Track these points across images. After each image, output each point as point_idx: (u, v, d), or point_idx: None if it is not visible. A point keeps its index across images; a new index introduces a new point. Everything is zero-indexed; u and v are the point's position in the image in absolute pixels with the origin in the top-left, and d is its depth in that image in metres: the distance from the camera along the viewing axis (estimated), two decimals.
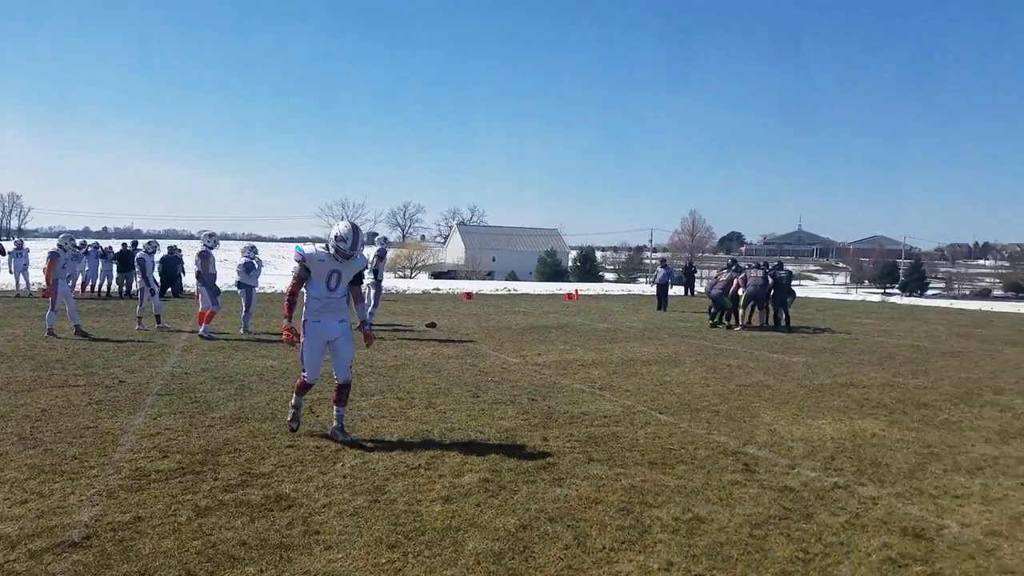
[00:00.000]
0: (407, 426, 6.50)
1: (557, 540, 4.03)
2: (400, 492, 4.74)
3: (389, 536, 4.04)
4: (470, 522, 4.25)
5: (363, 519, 4.28)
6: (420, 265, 73.00)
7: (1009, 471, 5.61)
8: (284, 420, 6.61)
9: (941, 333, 17.27)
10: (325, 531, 4.09)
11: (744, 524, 4.33)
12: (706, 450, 5.99)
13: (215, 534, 4.01)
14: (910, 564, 3.83)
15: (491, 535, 4.07)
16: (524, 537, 4.05)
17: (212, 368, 9.36)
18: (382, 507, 4.47)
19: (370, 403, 7.44)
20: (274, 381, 8.55)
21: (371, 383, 8.55)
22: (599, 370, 10.08)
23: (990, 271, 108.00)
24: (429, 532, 4.10)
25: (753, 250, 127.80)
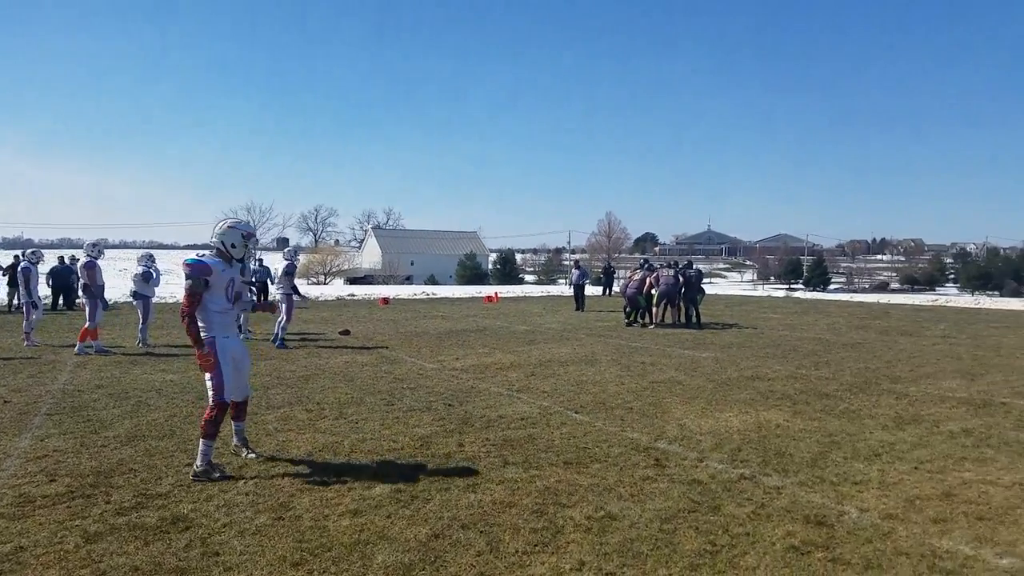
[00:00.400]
0: (316, 439, 6.30)
1: (470, 547, 3.96)
2: (306, 507, 4.58)
3: (293, 554, 3.88)
4: (379, 534, 4.14)
5: (266, 537, 4.10)
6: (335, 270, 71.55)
7: (904, 456, 5.87)
8: (183, 436, 6.33)
9: (842, 326, 18.10)
10: (225, 552, 3.91)
11: (654, 519, 4.38)
12: (619, 447, 6.06)
13: (105, 560, 3.79)
14: (812, 551, 3.94)
15: (401, 546, 3.97)
16: (436, 546, 3.97)
17: (107, 384, 8.88)
18: (286, 524, 4.31)
19: (276, 416, 7.19)
20: (173, 396, 8.17)
21: (278, 395, 8.27)
22: (517, 372, 10.08)
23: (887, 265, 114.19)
24: (336, 547, 3.97)
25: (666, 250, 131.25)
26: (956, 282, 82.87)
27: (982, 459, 5.78)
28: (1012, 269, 72.77)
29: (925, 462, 5.68)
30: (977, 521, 4.42)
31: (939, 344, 13.84)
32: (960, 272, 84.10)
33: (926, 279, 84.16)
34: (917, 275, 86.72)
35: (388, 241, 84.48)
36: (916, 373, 10.21)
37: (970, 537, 4.16)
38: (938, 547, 4.01)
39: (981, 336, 15.46)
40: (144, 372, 9.85)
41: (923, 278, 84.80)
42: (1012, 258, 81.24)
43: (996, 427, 6.88)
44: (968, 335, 15.66)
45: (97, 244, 12.56)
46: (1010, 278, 69.44)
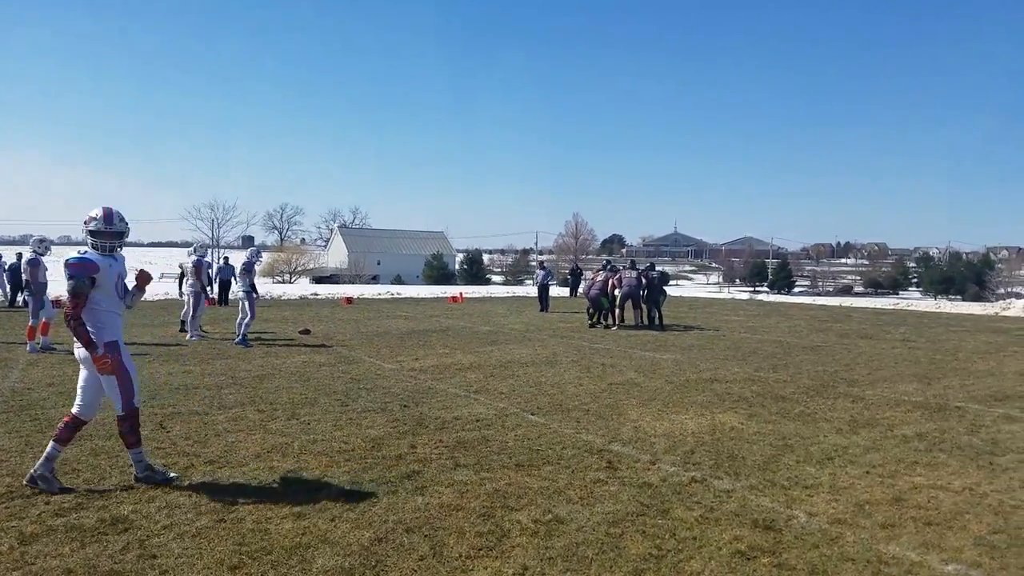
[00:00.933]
0: (265, 440, 6.16)
1: (413, 551, 3.88)
2: (249, 510, 4.46)
3: (232, 557, 3.78)
4: (322, 538, 4.04)
5: (206, 540, 4.00)
6: (300, 269, 70.83)
7: (857, 460, 5.89)
8: None
9: (803, 328, 18.29)
10: (162, 555, 3.80)
11: (602, 523, 4.34)
12: (573, 449, 6.01)
13: (39, 563, 3.68)
14: (758, 556, 3.92)
15: (343, 550, 3.87)
16: (378, 550, 3.88)
17: (59, 383, 8.63)
18: (228, 526, 4.19)
19: (227, 416, 7.03)
20: None
21: (231, 395, 8.10)
22: (476, 373, 10.00)
23: (851, 269, 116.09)
24: (276, 551, 3.86)
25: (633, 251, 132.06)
26: (919, 286, 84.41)
27: (934, 463, 5.81)
28: (974, 273, 74.28)
29: (877, 466, 5.70)
30: (925, 527, 4.42)
31: (898, 348, 14.01)
32: (923, 276, 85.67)
33: (889, 283, 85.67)
34: (881, 279, 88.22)
35: (354, 240, 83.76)
36: (874, 376, 10.30)
37: (917, 543, 4.16)
38: (884, 553, 4.00)
39: (940, 340, 15.67)
40: None
41: (886, 282, 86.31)
42: (974, 263, 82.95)
43: (949, 431, 6.92)
44: (927, 339, 15.87)
45: (44, 241, 12.32)
46: (972, 282, 70.90)
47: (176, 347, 12.33)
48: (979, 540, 4.21)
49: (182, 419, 6.90)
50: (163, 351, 11.76)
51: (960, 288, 71.14)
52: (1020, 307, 26.27)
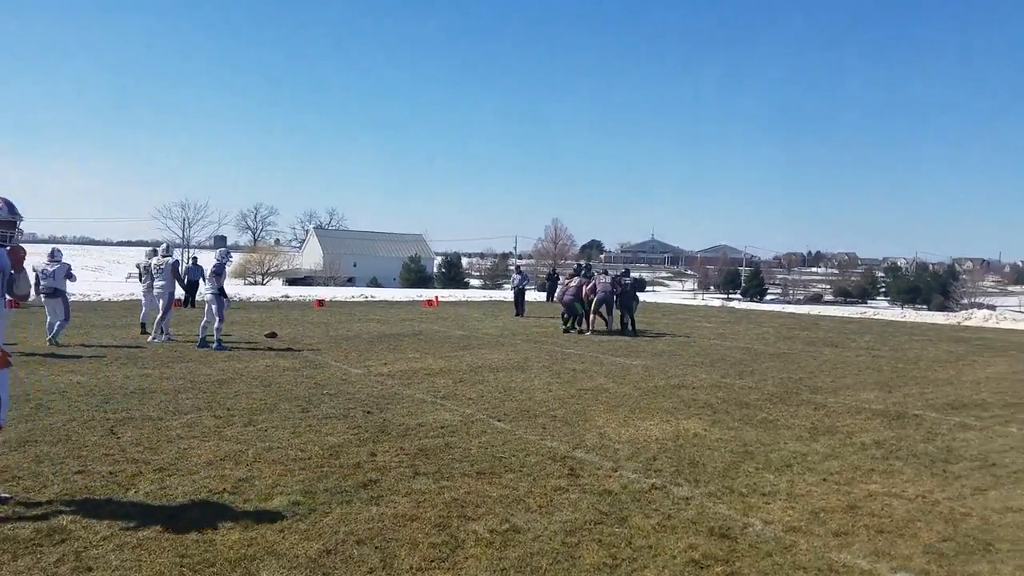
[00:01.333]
0: (219, 446, 6.02)
1: (362, 563, 3.79)
2: (196, 520, 4.33)
3: (172, 570, 3.65)
4: (268, 549, 3.93)
5: (146, 551, 3.86)
6: (273, 271, 70.10)
7: (815, 467, 5.90)
8: (79, 442, 6.00)
9: (771, 336, 18.43)
10: (99, 567, 3.67)
11: (559, 532, 4.28)
12: (536, 456, 5.95)
13: None
14: (712, 565, 3.89)
15: (289, 563, 3.76)
16: (326, 563, 3.78)
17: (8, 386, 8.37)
18: (171, 537, 4.06)
19: (181, 422, 6.86)
20: (77, 399, 7.77)
21: (188, 400, 7.93)
22: (445, 378, 9.91)
23: (822, 278, 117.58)
24: (219, 563, 3.74)
25: (611, 257, 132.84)
26: (887, 295, 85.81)
27: (889, 471, 5.84)
28: (939, 284, 75.70)
29: (834, 473, 5.71)
30: (877, 534, 4.43)
31: (862, 356, 14.17)
32: (890, 286, 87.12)
33: (858, 292, 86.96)
34: (850, 288, 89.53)
35: (330, 242, 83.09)
36: (836, 384, 10.38)
37: (868, 551, 4.16)
38: (836, 561, 3.99)
39: (903, 348, 15.88)
40: (51, 373, 9.38)
41: (855, 291, 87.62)
42: (940, 273, 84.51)
43: (907, 439, 6.98)
44: (891, 347, 16.08)
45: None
46: (937, 292, 72.16)
47: (136, 349, 12.09)
48: (928, 548, 4.22)
49: (135, 424, 6.73)
50: (122, 353, 11.52)
51: (926, 298, 72.45)
52: (981, 317, 26.74)
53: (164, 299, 13.56)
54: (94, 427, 6.59)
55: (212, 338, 12.38)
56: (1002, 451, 6.58)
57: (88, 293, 27.36)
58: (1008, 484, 5.54)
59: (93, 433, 6.37)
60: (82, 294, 26.53)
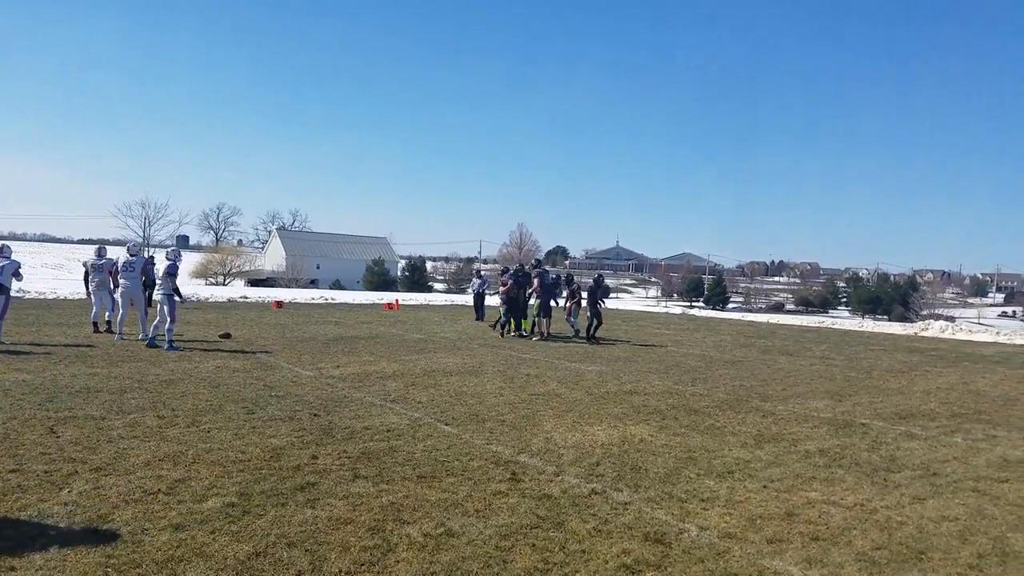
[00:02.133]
0: (159, 447, 5.91)
1: (291, 566, 3.75)
2: (126, 520, 4.26)
3: (96, 570, 3.59)
4: (197, 551, 3.87)
5: (72, 552, 3.79)
6: (235, 271, 69.11)
7: (756, 474, 5.96)
8: (17, 441, 5.88)
9: (727, 343, 18.64)
10: (22, 567, 3.60)
11: (494, 536, 4.28)
12: (480, 460, 5.95)
13: None
14: (643, 570, 3.91)
15: (216, 565, 3.71)
16: (254, 565, 3.74)
17: None
18: (99, 538, 3.99)
19: (124, 422, 6.73)
20: (20, 397, 7.59)
21: (132, 400, 7.78)
22: (397, 382, 9.85)
23: (784, 287, 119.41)
24: (145, 564, 3.68)
25: (576, 263, 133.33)
26: (848, 305, 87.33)
27: (831, 479, 5.90)
28: (900, 294, 77.24)
29: (775, 481, 5.78)
30: (812, 542, 4.47)
31: (816, 364, 14.37)
32: (852, 296, 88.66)
33: (820, 301, 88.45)
34: (811, 297, 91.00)
35: (293, 243, 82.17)
36: (787, 392, 10.51)
37: (801, 558, 4.21)
38: (767, 568, 4.04)
39: (858, 358, 16.12)
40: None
41: (817, 300, 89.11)
42: (900, 284, 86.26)
43: (851, 448, 7.07)
44: (846, 356, 16.30)
45: None
46: (897, 303, 73.64)
47: (87, 348, 11.82)
48: (861, 555, 4.29)
49: (76, 423, 6.59)
50: (72, 352, 11.25)
51: (886, 308, 73.84)
52: (938, 328, 27.34)
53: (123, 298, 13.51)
54: (34, 426, 6.44)
55: (163, 338, 12.18)
56: (944, 461, 6.69)
57: (44, 291, 26.68)
58: (947, 494, 5.63)
59: (32, 432, 6.22)
60: (38, 292, 25.89)
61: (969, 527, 4.87)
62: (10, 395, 7.71)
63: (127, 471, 5.23)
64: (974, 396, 10.78)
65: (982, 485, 5.91)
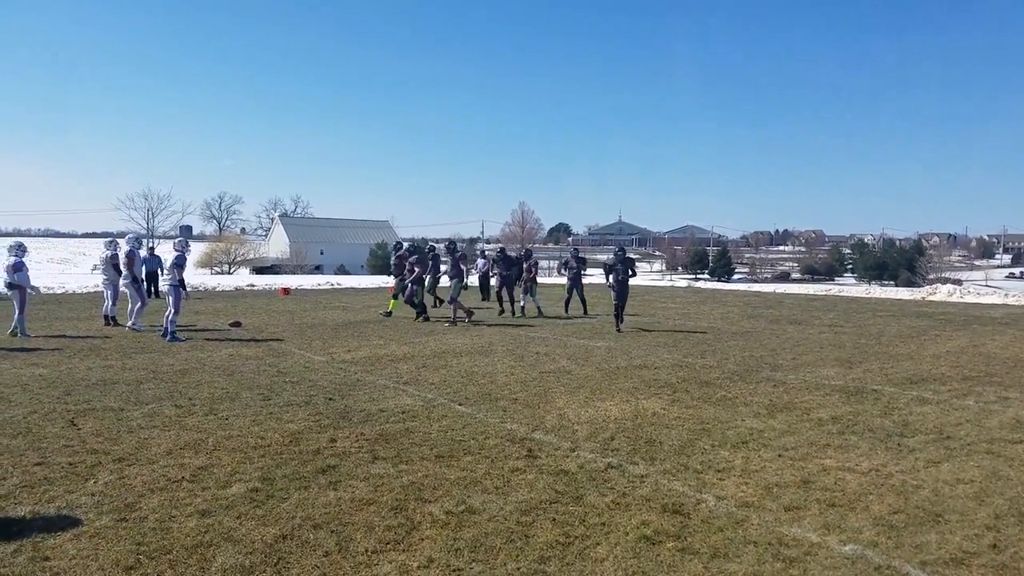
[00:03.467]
0: (180, 436, 6.00)
1: (318, 548, 3.82)
2: (153, 508, 4.34)
3: (128, 557, 3.67)
4: (225, 536, 3.95)
5: (104, 540, 3.87)
6: (240, 260, 69.25)
7: (770, 443, 6.01)
8: (39, 434, 5.98)
9: (735, 315, 18.67)
10: (56, 556, 3.68)
11: (514, 512, 4.35)
12: (495, 439, 6.01)
13: None
14: (664, 540, 3.98)
15: (245, 548, 3.79)
16: (282, 548, 3.81)
17: None
18: (129, 526, 4.07)
19: (143, 412, 6.82)
20: (39, 392, 7.68)
21: (149, 390, 7.86)
22: (408, 364, 9.92)
23: (789, 256, 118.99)
24: (176, 550, 3.76)
25: (579, 240, 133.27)
26: (854, 272, 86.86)
27: (844, 446, 5.95)
28: (906, 259, 76.59)
29: (790, 449, 5.83)
30: (829, 508, 4.52)
31: (825, 333, 14.39)
32: (857, 262, 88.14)
33: (825, 269, 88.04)
34: (817, 265, 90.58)
35: (296, 230, 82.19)
36: (797, 361, 10.55)
37: (819, 524, 4.26)
38: (786, 535, 4.09)
39: (866, 325, 16.12)
40: (13, 366, 9.24)
41: (822, 268, 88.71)
42: (906, 249, 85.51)
43: (864, 414, 7.11)
44: (854, 324, 16.32)
45: None
46: (904, 268, 73.14)
47: (99, 341, 11.91)
48: (878, 520, 4.34)
49: (96, 415, 6.68)
50: (85, 345, 11.35)
51: (893, 274, 73.40)
52: (945, 292, 27.30)
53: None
54: (55, 419, 6.53)
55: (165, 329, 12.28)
56: (957, 424, 6.72)
57: (52, 285, 26.80)
58: (961, 456, 5.67)
59: (54, 425, 6.32)
60: (47, 287, 26.01)
61: (985, 489, 4.92)
62: (28, 389, 7.80)
63: (150, 460, 5.31)
64: (984, 359, 10.81)
65: (996, 447, 5.95)
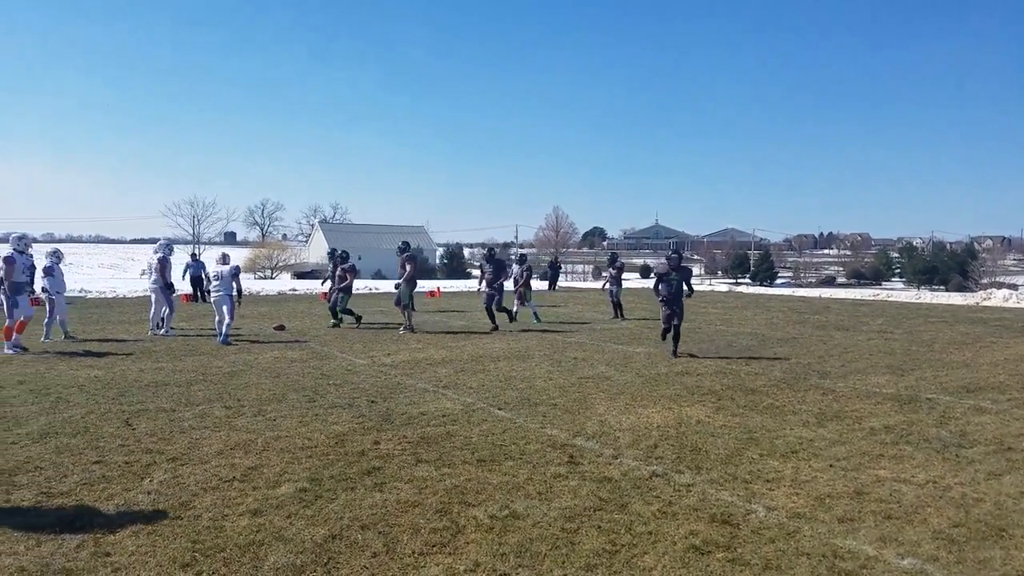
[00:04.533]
0: (230, 436, 6.13)
1: (366, 548, 3.87)
2: (207, 507, 4.44)
3: (185, 555, 3.76)
4: (276, 535, 4.02)
5: (161, 537, 3.98)
6: (281, 265, 70.46)
7: (821, 453, 5.86)
8: (96, 433, 6.18)
9: (780, 320, 18.38)
10: (116, 552, 3.79)
11: (559, 518, 4.34)
12: (536, 444, 6.01)
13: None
14: (713, 551, 3.92)
15: (296, 548, 3.86)
16: (331, 548, 3.87)
17: (30, 380, 8.61)
18: (184, 524, 4.18)
19: (194, 413, 6.99)
20: (95, 393, 7.93)
21: (199, 392, 8.05)
22: (447, 368, 9.98)
23: (834, 260, 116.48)
24: (230, 548, 3.84)
25: (614, 244, 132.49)
26: (902, 276, 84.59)
27: (899, 456, 5.78)
28: (957, 263, 74.12)
29: (841, 459, 5.67)
30: (884, 520, 4.40)
31: (874, 339, 14.05)
32: (906, 266, 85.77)
33: (872, 273, 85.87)
34: (863, 269, 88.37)
35: (335, 236, 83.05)
36: (847, 368, 10.31)
37: (875, 537, 4.14)
38: (841, 547, 3.99)
39: (917, 331, 15.70)
40: (70, 368, 9.55)
41: (869, 272, 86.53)
42: (958, 252, 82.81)
43: (918, 423, 6.89)
44: (904, 330, 15.92)
45: (23, 238, 12.06)
46: (955, 272, 70.91)
47: (150, 344, 12.23)
48: (938, 534, 4.19)
49: (149, 416, 6.86)
50: (136, 348, 11.67)
51: (944, 278, 71.20)
52: (1000, 297, 26.49)
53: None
54: (110, 419, 6.72)
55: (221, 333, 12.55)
56: (1018, 435, 6.47)
57: (104, 290, 27.61)
58: None
59: (110, 425, 6.50)
60: (98, 291, 26.86)
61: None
62: (85, 390, 8.04)
63: (202, 460, 5.43)
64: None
65: None
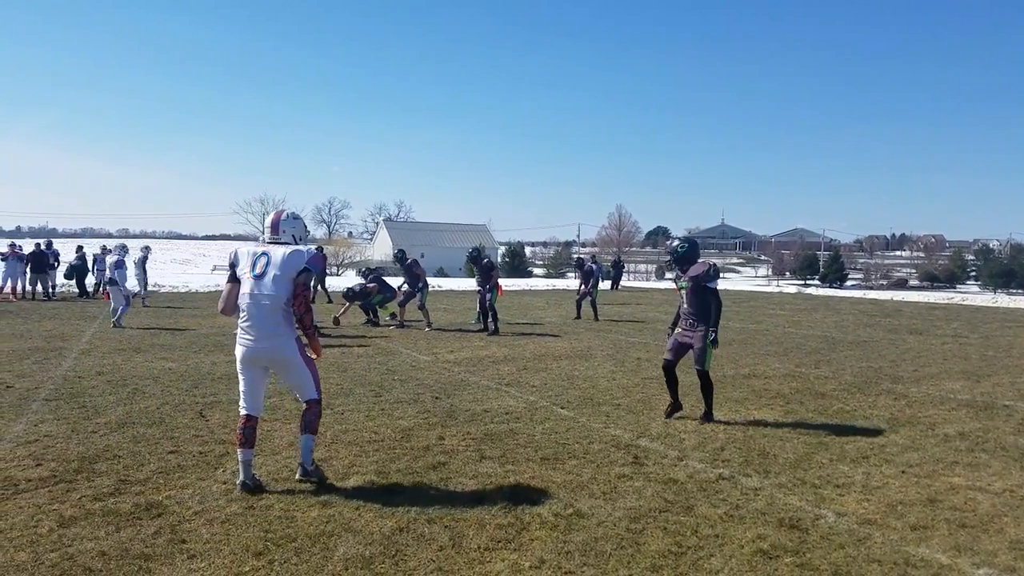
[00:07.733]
0: None
1: (432, 541, 3.93)
2: (278, 497, 4.58)
3: (257, 543, 3.88)
4: (345, 526, 4.12)
5: (234, 526, 4.11)
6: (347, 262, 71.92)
7: (893, 459, 5.71)
8: (171, 424, 6.42)
9: (850, 323, 17.87)
10: (192, 540, 3.93)
11: (623, 518, 4.32)
12: (600, 444, 6.00)
13: (75, 545, 3.82)
14: (781, 555, 3.85)
15: (364, 539, 3.94)
16: (399, 540, 3.94)
17: (108, 372, 8.98)
18: (256, 513, 4.31)
19: (265, 405, 7.14)
20: (169, 384, 8.23)
21: (270, 385, 8.22)
22: (509, 366, 10.03)
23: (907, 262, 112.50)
24: (300, 538, 3.95)
25: None
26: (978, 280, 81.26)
27: (975, 464, 5.61)
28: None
29: (914, 466, 5.53)
30: (959, 529, 4.28)
31: (948, 343, 13.59)
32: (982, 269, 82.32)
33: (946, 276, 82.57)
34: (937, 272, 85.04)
35: (399, 233, 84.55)
36: (919, 373, 10.00)
37: (949, 545, 4.03)
38: (913, 555, 3.89)
39: (994, 336, 15.16)
40: (145, 360, 9.94)
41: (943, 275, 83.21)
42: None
43: (995, 431, 6.68)
44: (980, 334, 15.37)
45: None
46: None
47: (222, 337, 12.65)
48: (1015, 544, 4.07)
49: (222, 408, 7.10)
50: (209, 341, 12.08)
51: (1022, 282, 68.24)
52: None
53: None
54: (185, 410, 6.98)
55: None
56: None
57: (177, 284, 28.69)
58: None
59: (184, 416, 6.75)
60: (171, 286, 27.91)
61: None
62: (160, 382, 8.37)
63: (273, 451, 5.60)
64: None
65: None
